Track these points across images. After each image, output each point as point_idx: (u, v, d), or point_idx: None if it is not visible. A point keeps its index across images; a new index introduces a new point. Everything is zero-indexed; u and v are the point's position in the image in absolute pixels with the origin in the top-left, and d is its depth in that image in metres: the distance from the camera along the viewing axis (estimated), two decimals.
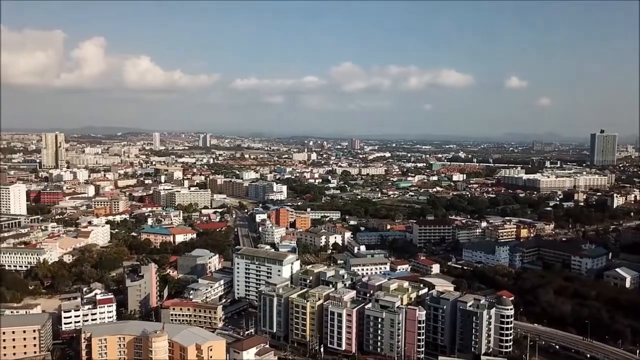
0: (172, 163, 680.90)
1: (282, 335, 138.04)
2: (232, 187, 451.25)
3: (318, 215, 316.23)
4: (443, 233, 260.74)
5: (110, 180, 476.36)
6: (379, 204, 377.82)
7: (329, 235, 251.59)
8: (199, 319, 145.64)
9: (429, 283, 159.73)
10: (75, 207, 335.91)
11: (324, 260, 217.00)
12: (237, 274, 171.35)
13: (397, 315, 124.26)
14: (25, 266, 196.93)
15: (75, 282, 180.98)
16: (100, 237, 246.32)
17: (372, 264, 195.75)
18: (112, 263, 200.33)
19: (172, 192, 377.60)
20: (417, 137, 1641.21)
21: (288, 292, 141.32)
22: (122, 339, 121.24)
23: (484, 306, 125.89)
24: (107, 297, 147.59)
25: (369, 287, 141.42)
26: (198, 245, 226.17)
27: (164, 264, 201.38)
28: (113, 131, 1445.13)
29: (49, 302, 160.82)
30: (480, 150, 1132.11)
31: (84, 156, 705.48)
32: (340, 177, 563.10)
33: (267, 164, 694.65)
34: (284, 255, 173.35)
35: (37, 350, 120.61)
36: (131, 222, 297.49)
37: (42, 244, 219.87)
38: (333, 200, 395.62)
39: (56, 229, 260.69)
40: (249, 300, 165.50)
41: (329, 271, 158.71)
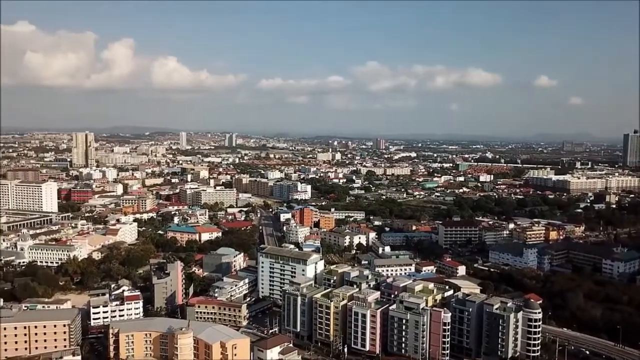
0: (198, 162, 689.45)
1: (305, 335, 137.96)
2: (257, 187, 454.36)
3: (342, 215, 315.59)
4: (469, 234, 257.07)
5: (138, 179, 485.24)
6: (404, 205, 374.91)
7: (353, 236, 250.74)
8: (223, 317, 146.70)
9: (455, 285, 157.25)
10: (104, 205, 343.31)
11: (348, 260, 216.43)
12: (262, 272, 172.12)
13: (422, 317, 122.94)
14: (56, 262, 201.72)
15: (103, 278, 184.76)
16: (128, 235, 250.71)
17: (397, 265, 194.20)
18: (140, 260, 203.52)
19: (198, 191, 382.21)
20: (443, 137, 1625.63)
21: (312, 291, 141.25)
22: (148, 335, 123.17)
23: (511, 309, 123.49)
24: (135, 294, 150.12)
25: (394, 288, 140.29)
26: (223, 243, 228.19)
27: (189, 262, 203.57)
28: (141, 131, 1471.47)
29: (79, 298, 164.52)
30: (508, 151, 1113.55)
31: (112, 155, 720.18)
32: (365, 177, 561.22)
33: (291, 164, 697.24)
34: (308, 255, 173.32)
35: (67, 345, 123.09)
36: (158, 220, 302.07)
37: (72, 241, 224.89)
38: (357, 201, 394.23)
39: (86, 227, 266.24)
40: (273, 299, 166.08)
41: (353, 271, 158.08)
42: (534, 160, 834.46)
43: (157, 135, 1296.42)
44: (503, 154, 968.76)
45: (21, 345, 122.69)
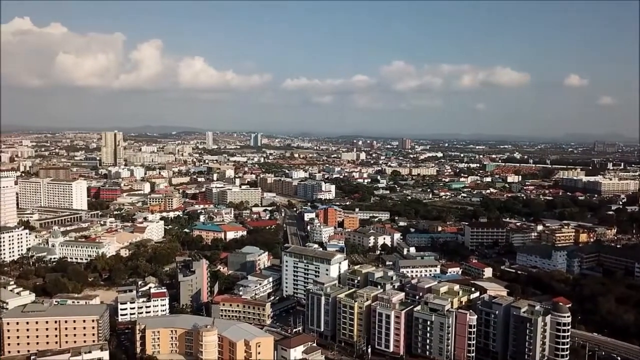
0: (224, 162, 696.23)
1: (329, 335, 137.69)
2: (281, 186, 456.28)
3: (367, 216, 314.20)
4: (496, 236, 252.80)
5: (165, 178, 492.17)
6: (430, 205, 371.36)
7: (377, 236, 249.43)
8: (247, 315, 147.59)
9: (481, 287, 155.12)
10: (131, 203, 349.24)
11: (372, 261, 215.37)
12: (286, 271, 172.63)
13: (447, 319, 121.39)
14: (86, 259, 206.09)
15: (131, 275, 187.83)
16: (155, 233, 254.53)
17: (422, 266, 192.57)
18: (166, 258, 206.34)
19: (224, 190, 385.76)
20: (470, 137, 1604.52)
21: (336, 291, 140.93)
22: (174, 332, 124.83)
23: (539, 312, 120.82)
24: (161, 291, 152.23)
25: (418, 290, 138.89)
26: (248, 242, 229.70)
27: (214, 260, 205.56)
28: (168, 130, 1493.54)
29: (107, 294, 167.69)
30: (537, 151, 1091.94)
31: (140, 154, 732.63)
32: (390, 177, 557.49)
33: (316, 164, 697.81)
34: (332, 255, 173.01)
35: (95, 339, 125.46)
36: (184, 218, 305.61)
37: (101, 238, 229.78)
38: (382, 201, 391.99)
39: (114, 224, 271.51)
40: (297, 299, 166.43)
41: (378, 272, 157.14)
42: (564, 160, 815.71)
43: (184, 135, 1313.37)
44: (532, 155, 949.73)
45: (52, 339, 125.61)
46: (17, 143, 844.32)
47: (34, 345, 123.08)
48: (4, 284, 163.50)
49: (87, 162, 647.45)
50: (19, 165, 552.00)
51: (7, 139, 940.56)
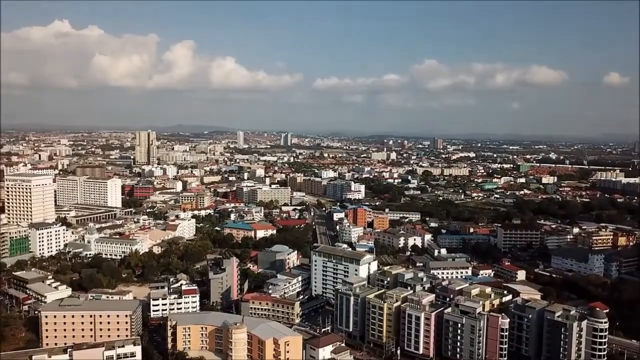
0: (254, 161, 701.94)
1: (358, 335, 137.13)
2: (311, 186, 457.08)
3: (397, 216, 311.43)
4: (530, 238, 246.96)
5: (197, 177, 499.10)
6: (462, 206, 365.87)
7: (407, 237, 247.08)
8: (277, 313, 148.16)
9: (514, 290, 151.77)
10: (164, 202, 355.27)
11: (402, 262, 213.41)
12: (315, 271, 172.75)
13: (478, 322, 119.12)
14: (120, 255, 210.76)
15: (163, 272, 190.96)
16: (187, 231, 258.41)
17: (453, 268, 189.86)
18: (197, 255, 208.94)
19: (254, 189, 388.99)
20: (504, 137, 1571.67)
21: (365, 292, 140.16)
22: (204, 329, 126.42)
23: (575, 317, 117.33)
24: (192, 288, 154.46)
25: (449, 291, 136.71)
26: (277, 241, 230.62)
27: (244, 258, 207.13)
28: (200, 130, 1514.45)
29: (140, 290, 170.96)
30: (573, 152, 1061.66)
31: (173, 153, 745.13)
32: (421, 177, 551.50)
33: (345, 163, 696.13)
34: (362, 255, 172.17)
35: (128, 334, 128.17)
36: (215, 216, 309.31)
37: (134, 235, 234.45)
38: (413, 201, 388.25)
39: (147, 222, 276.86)
40: (325, 298, 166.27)
41: (408, 273, 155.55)
42: (602, 161, 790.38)
43: (216, 134, 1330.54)
44: (568, 155, 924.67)
45: (87, 332, 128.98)
46: (56, 142, 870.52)
47: (70, 338, 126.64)
48: (43, 279, 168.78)
49: (121, 161, 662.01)
50: (57, 164, 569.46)
51: (47, 137, 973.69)
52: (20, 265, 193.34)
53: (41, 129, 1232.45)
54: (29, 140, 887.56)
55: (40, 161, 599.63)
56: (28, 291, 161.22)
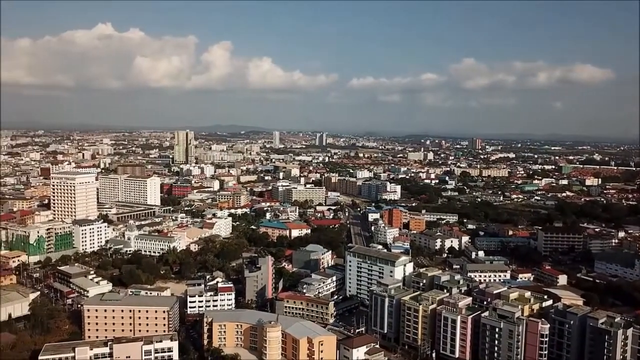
0: (290, 161, 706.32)
1: (392, 337, 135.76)
2: (345, 186, 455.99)
3: (433, 218, 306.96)
4: (572, 242, 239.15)
5: (234, 176, 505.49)
6: (501, 208, 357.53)
7: (444, 239, 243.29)
8: (311, 313, 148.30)
9: (554, 295, 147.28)
10: (201, 200, 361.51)
11: (439, 264, 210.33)
12: (349, 271, 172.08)
13: (517, 327, 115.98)
14: (158, 252, 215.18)
15: (199, 269, 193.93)
16: (223, 229, 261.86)
17: (491, 271, 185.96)
18: (233, 254, 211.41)
19: (289, 189, 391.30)
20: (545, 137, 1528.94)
21: (400, 293, 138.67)
22: (239, 326, 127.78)
23: (619, 325, 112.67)
24: (228, 286, 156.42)
25: (487, 295, 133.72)
26: (312, 240, 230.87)
27: (279, 257, 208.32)
28: (237, 130, 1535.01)
29: (177, 287, 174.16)
30: (619, 153, 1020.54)
31: (210, 153, 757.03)
32: (459, 178, 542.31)
33: (381, 163, 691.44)
34: (397, 256, 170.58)
35: (166, 330, 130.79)
36: (251, 215, 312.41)
37: (172, 233, 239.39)
38: (450, 202, 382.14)
39: (184, 220, 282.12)
40: (360, 299, 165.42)
41: (444, 275, 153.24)
42: None
43: (252, 134, 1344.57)
44: (614, 156, 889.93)
45: (127, 326, 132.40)
46: (98, 141, 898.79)
47: (111, 331, 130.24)
48: (85, 273, 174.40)
49: (160, 160, 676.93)
50: (100, 162, 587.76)
51: (90, 137, 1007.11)
52: (64, 260, 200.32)
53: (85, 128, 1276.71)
54: (73, 140, 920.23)
55: (84, 160, 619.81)
56: (71, 285, 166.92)
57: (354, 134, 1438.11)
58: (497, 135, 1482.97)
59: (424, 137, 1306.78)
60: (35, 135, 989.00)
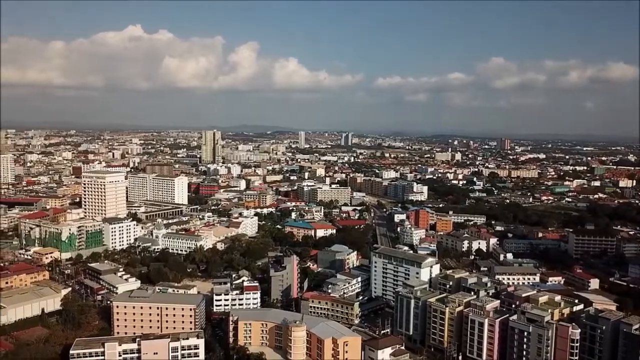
0: (315, 161, 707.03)
1: (418, 339, 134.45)
2: (371, 186, 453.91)
3: (461, 219, 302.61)
4: (605, 245, 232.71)
5: (260, 176, 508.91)
6: (530, 210, 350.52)
7: (472, 240, 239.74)
8: (336, 313, 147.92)
9: (586, 299, 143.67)
10: (228, 199, 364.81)
11: (466, 266, 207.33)
12: (375, 272, 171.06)
13: (546, 331, 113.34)
14: (185, 250, 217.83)
15: (226, 268, 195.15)
16: (249, 228, 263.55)
17: (520, 274, 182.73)
18: (259, 253, 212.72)
19: (315, 189, 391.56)
20: (576, 137, 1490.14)
21: (426, 295, 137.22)
22: (264, 325, 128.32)
23: None
24: (253, 285, 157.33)
25: (515, 298, 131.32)
26: (337, 240, 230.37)
27: (305, 256, 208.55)
28: (263, 130, 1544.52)
29: (203, 285, 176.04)
30: None
31: (237, 152, 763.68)
32: (487, 179, 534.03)
33: (407, 164, 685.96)
34: (423, 258, 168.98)
35: (192, 327, 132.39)
36: (277, 215, 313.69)
37: (199, 232, 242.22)
38: (478, 204, 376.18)
39: (211, 219, 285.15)
40: (385, 300, 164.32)
41: (471, 277, 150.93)
42: None
43: (278, 134, 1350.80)
44: None
45: (154, 323, 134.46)
46: (128, 141, 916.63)
47: (139, 328, 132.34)
48: (115, 270, 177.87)
49: (188, 160, 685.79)
50: (129, 162, 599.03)
51: (120, 137, 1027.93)
52: (94, 257, 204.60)
53: (115, 128, 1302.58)
54: (103, 139, 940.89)
55: (114, 159, 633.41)
56: (101, 282, 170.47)
57: (380, 134, 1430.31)
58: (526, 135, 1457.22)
59: (451, 137, 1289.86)
60: (68, 135, 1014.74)
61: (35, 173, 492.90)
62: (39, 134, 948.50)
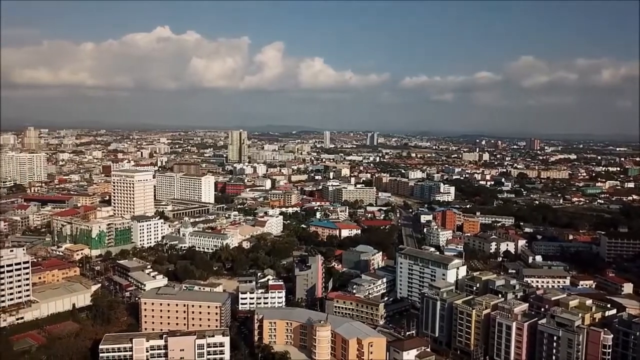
0: (340, 160, 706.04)
1: (444, 341, 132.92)
2: (397, 186, 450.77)
3: (488, 220, 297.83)
4: (639, 248, 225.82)
5: (285, 175, 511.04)
6: (560, 211, 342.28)
7: (499, 242, 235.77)
8: (360, 313, 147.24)
9: (619, 304, 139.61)
10: (254, 198, 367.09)
11: (493, 268, 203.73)
12: (400, 273, 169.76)
13: (577, 336, 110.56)
14: (211, 249, 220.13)
15: (251, 266, 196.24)
16: (274, 227, 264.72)
17: (549, 277, 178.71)
18: (283, 252, 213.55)
19: (340, 189, 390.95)
20: (609, 137, 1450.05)
21: (452, 297, 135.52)
22: (289, 324, 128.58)
23: None
24: (278, 284, 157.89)
25: (544, 301, 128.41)
26: (362, 241, 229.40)
27: (329, 256, 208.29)
28: (289, 129, 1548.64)
29: (229, 283, 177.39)
30: None
31: (263, 152, 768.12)
32: (516, 179, 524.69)
33: (434, 164, 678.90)
34: (450, 259, 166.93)
35: (217, 325, 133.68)
36: (301, 214, 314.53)
37: (225, 230, 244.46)
38: (506, 205, 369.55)
39: (237, 217, 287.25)
40: (411, 301, 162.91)
41: (499, 280, 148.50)
42: None
43: (303, 134, 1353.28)
44: None
45: (181, 320, 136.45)
46: (156, 140, 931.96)
47: (166, 324, 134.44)
48: (143, 268, 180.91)
49: (215, 159, 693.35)
50: (157, 161, 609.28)
51: (148, 136, 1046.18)
52: (123, 254, 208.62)
53: (143, 128, 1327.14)
54: (132, 139, 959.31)
55: (142, 158, 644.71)
56: (130, 278, 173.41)
57: (406, 134, 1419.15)
58: (557, 135, 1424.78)
59: (479, 137, 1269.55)
60: (98, 135, 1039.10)
61: (67, 172, 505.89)
62: (70, 134, 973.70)
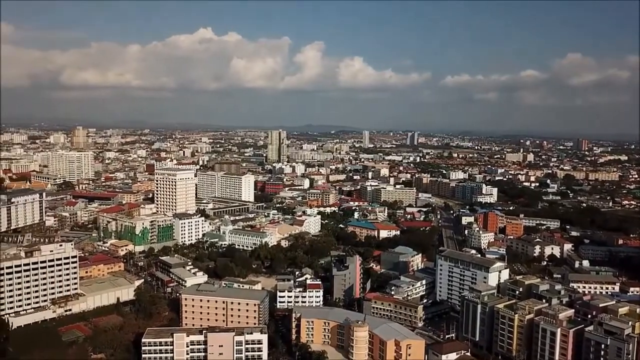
0: (379, 160, 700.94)
1: (484, 345, 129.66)
2: (437, 187, 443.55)
3: (532, 223, 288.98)
4: None
5: (323, 175, 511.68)
6: (610, 215, 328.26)
7: (544, 246, 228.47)
8: (398, 315, 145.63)
9: None
10: (292, 198, 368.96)
11: (537, 272, 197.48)
12: (440, 275, 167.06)
13: (627, 345, 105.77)
14: (251, 247, 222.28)
15: (289, 265, 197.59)
16: (312, 226, 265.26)
17: (597, 282, 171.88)
18: (321, 251, 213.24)
19: (378, 189, 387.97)
20: None
21: (494, 301, 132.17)
22: (327, 324, 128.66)
23: None
24: (316, 283, 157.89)
25: (592, 308, 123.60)
26: (401, 242, 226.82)
27: (367, 257, 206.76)
28: (328, 129, 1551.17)
29: (267, 281, 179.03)
30: None
31: (301, 152, 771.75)
32: (562, 181, 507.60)
33: (476, 164, 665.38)
34: (491, 262, 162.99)
35: (256, 322, 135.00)
36: (339, 214, 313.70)
37: (264, 229, 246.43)
38: (551, 207, 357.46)
39: (276, 216, 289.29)
40: (450, 304, 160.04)
41: (543, 284, 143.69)
42: None
43: (342, 134, 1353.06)
44: None
45: (220, 317, 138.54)
46: (198, 140, 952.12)
47: (205, 320, 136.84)
48: (184, 264, 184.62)
49: (255, 158, 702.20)
50: (199, 160, 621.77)
51: (190, 135, 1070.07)
52: (165, 250, 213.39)
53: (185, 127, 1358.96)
54: (175, 138, 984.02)
55: (184, 157, 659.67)
56: (171, 275, 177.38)
57: (447, 134, 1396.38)
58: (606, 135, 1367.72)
59: (523, 137, 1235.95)
60: (142, 134, 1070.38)
61: (113, 170, 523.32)
62: (116, 133, 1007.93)
